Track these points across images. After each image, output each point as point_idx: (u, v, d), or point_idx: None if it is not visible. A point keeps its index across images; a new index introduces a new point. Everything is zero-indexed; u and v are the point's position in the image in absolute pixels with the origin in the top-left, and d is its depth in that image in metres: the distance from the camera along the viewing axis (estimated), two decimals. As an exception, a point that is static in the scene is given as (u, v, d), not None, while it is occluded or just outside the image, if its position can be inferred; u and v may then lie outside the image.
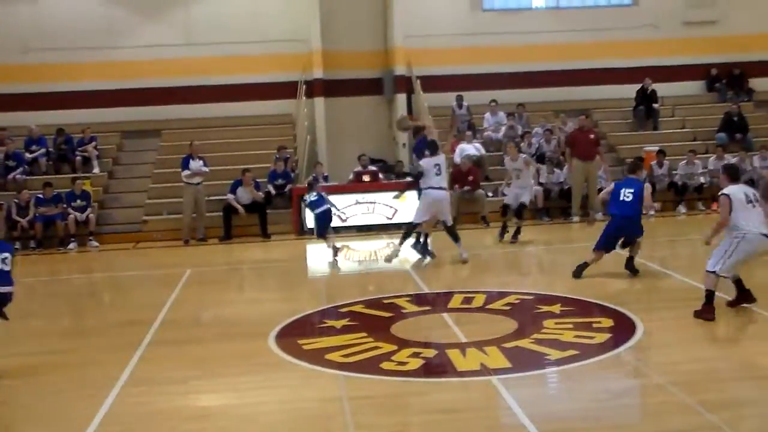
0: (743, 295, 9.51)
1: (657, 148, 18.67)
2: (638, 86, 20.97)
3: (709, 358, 8.08)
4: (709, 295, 9.18)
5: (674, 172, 18.33)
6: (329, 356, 8.50)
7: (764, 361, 7.93)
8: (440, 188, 13.22)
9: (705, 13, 22.46)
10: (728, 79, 22.29)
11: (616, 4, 22.76)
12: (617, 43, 21.99)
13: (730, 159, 18.52)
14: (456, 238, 13.43)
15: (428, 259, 13.69)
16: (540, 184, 17.88)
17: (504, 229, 15.33)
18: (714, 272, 9.11)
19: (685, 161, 18.39)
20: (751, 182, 17.97)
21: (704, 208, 18.11)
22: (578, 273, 11.69)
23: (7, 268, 8.32)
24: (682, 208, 17.98)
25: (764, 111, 21.56)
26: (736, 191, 9.16)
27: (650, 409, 6.99)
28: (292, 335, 9.42)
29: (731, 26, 22.38)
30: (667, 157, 18.41)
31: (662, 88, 21.30)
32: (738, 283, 9.51)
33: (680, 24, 22.45)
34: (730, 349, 8.32)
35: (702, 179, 18.26)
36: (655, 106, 20.91)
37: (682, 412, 6.70)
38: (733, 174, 9.56)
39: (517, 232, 15.13)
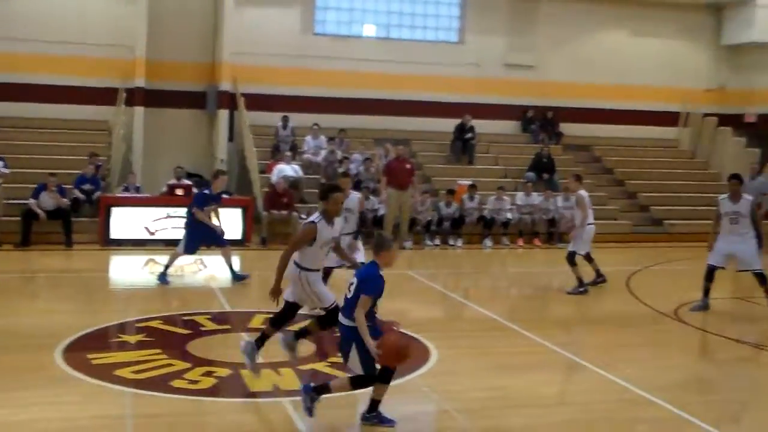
0: None
1: (470, 182, 19.29)
2: (458, 121, 21.65)
3: (496, 386, 8.36)
4: None
5: (484, 206, 18.99)
6: (119, 372, 8.23)
7: (546, 390, 8.30)
8: None
9: (524, 58, 23.52)
10: (541, 122, 23.41)
11: (443, 40, 23.45)
12: (441, 78, 22.62)
13: (536, 197, 19.39)
14: None
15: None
16: (356, 209, 18.06)
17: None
18: None
19: (494, 197, 19.09)
20: (552, 221, 18.99)
21: (509, 243, 18.82)
22: None
23: None
24: (488, 242, 18.61)
25: (571, 154, 22.77)
26: None
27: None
28: (81, 349, 9.04)
29: (547, 72, 23.56)
30: (478, 192, 19.04)
31: (480, 125, 22.07)
32: None
33: (501, 66, 23.40)
34: (516, 378, 8.63)
35: (509, 215, 18.99)
36: (472, 141, 21.64)
37: (462, 437, 6.92)
38: None
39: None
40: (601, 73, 23.78)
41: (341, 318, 6.90)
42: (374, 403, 6.95)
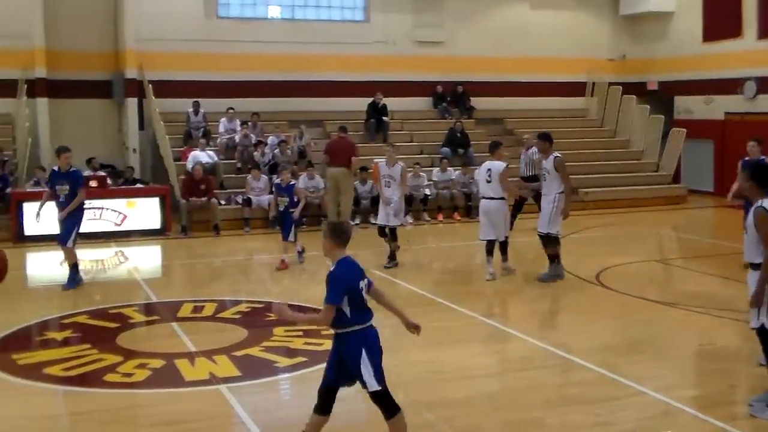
0: None
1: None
2: (370, 100, 21.68)
3: (429, 360, 8.48)
4: None
5: (402, 183, 19.06)
6: (48, 370, 8.08)
7: (479, 361, 8.47)
8: (486, 197, 12.31)
9: (433, 34, 23.69)
10: (453, 97, 23.64)
11: (349, 19, 23.39)
12: (350, 57, 22.61)
13: (453, 172, 19.60)
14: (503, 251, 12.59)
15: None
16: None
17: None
18: None
19: (411, 173, 19.20)
20: (469, 195, 19.19)
21: (429, 219, 19.00)
22: None
23: None
24: (408, 219, 18.73)
25: (483, 128, 23.06)
26: None
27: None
28: (6, 350, 8.86)
29: (456, 48, 23.75)
30: (395, 169, 19.09)
31: (392, 103, 22.16)
32: None
33: (410, 42, 23.51)
34: (448, 351, 8.77)
35: (427, 191, 19.16)
36: (385, 119, 21.72)
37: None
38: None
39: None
40: (508, 46, 24.10)
41: None
42: None
